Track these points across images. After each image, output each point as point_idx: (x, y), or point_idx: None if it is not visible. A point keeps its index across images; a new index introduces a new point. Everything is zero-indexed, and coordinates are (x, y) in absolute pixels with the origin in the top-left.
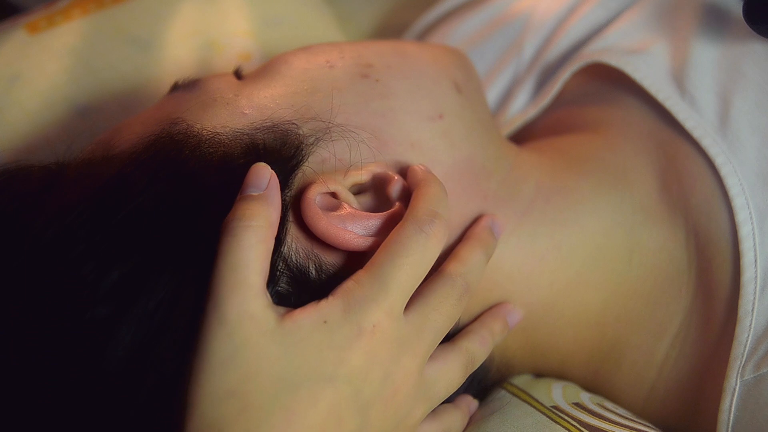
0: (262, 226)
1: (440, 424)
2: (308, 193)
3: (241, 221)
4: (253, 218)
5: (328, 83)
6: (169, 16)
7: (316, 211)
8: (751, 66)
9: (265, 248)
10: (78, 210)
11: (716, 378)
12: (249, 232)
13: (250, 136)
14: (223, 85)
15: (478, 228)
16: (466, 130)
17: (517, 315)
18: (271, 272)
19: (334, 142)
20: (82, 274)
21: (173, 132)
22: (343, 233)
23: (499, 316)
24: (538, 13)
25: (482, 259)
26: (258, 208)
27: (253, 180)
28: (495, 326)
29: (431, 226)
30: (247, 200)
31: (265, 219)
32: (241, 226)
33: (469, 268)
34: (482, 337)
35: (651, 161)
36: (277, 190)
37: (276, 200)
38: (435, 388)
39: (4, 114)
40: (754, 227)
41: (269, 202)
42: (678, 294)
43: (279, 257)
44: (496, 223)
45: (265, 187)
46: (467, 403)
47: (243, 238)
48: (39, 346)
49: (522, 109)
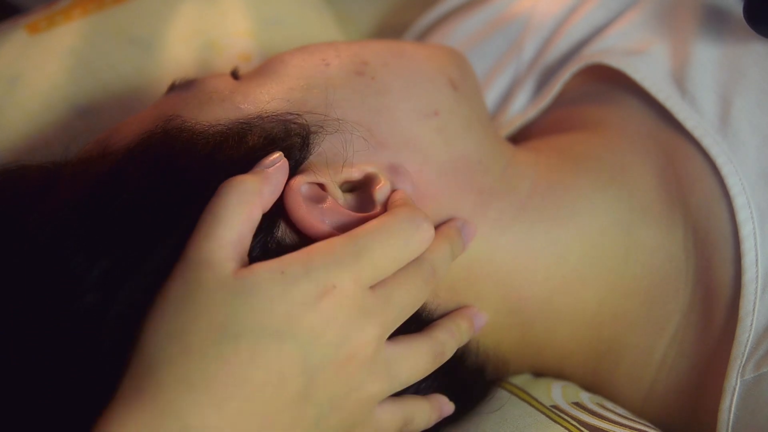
0: (248, 191)
1: (401, 409)
2: (294, 180)
3: (229, 183)
4: (241, 183)
5: (323, 80)
6: (169, 17)
7: (298, 199)
8: (752, 66)
9: (246, 211)
10: (71, 206)
11: (716, 377)
12: (232, 192)
13: (248, 125)
14: (220, 85)
15: (447, 226)
16: (461, 127)
17: (483, 318)
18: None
19: (329, 135)
20: (72, 267)
21: (168, 128)
22: (319, 225)
23: (465, 315)
24: (538, 14)
25: (448, 253)
26: (251, 177)
27: (263, 161)
28: (462, 324)
29: (424, 221)
30: (247, 173)
31: (253, 186)
32: (226, 187)
33: (436, 255)
34: (451, 330)
35: (650, 160)
36: (281, 172)
37: (275, 179)
38: (397, 367)
39: (4, 114)
40: (755, 227)
41: (265, 176)
42: (676, 293)
43: (272, 238)
44: (467, 227)
45: (270, 167)
46: (440, 402)
47: (224, 195)
48: (29, 338)
49: (522, 109)
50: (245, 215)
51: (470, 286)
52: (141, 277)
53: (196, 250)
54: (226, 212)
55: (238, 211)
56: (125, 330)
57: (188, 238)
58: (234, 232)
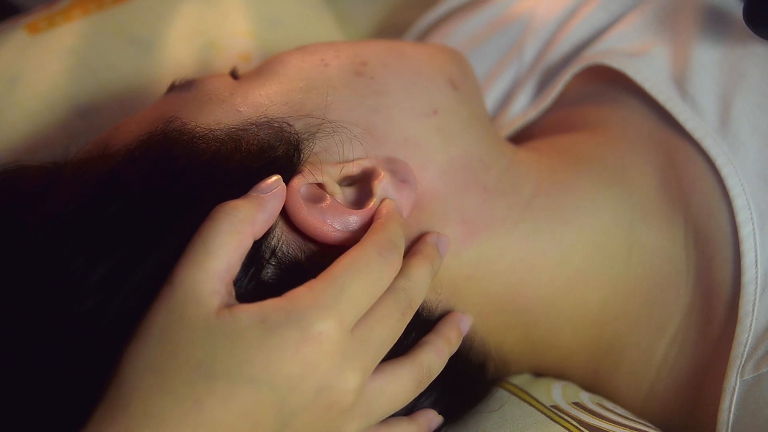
0: (242, 219)
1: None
2: (293, 182)
3: (222, 209)
4: (235, 210)
5: (322, 81)
6: (169, 17)
7: (298, 200)
8: (752, 68)
9: (237, 240)
10: (71, 207)
11: (716, 378)
12: (224, 219)
13: (245, 132)
14: (219, 85)
15: (424, 244)
16: (461, 127)
17: (468, 321)
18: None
19: (326, 137)
20: (72, 269)
21: (167, 129)
22: (321, 225)
23: (453, 324)
24: (538, 15)
25: (427, 275)
26: (245, 204)
27: (259, 185)
28: (451, 335)
29: (390, 253)
30: (242, 198)
31: (246, 213)
32: (219, 213)
33: (413, 283)
34: (439, 348)
35: (650, 161)
36: (277, 198)
37: (270, 206)
38: (375, 403)
39: (4, 114)
40: (754, 228)
41: (260, 203)
42: (677, 294)
43: (266, 247)
44: (442, 240)
45: (266, 192)
46: (427, 419)
47: (215, 222)
48: (29, 339)
49: (522, 110)
50: (235, 244)
51: (474, 284)
52: (140, 280)
53: (183, 279)
54: (216, 241)
55: (229, 241)
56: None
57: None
58: (223, 262)
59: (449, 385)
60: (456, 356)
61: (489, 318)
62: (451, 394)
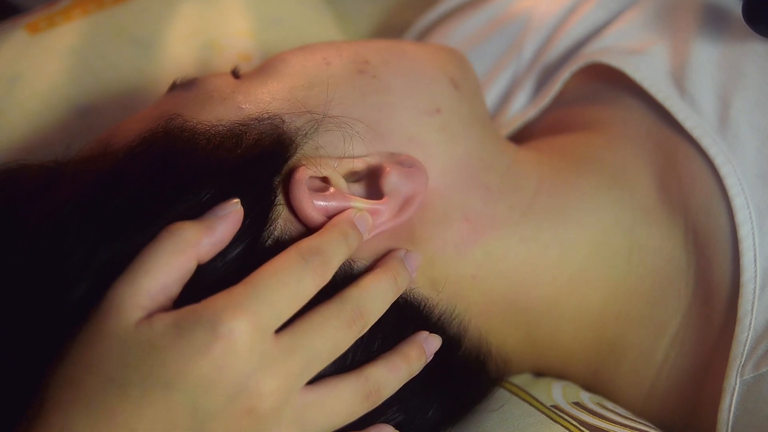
0: (184, 241)
1: None
2: (297, 174)
3: (168, 230)
4: (180, 231)
5: (324, 79)
6: (170, 17)
7: (303, 191)
8: (751, 66)
9: (177, 261)
10: (71, 204)
11: (716, 377)
12: (167, 240)
13: (246, 127)
14: (221, 83)
15: (388, 257)
16: (463, 125)
17: (435, 342)
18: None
19: (328, 133)
20: (70, 262)
21: (169, 127)
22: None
23: (415, 342)
24: (537, 14)
25: (387, 288)
26: (192, 227)
27: (215, 208)
28: (411, 352)
29: (313, 258)
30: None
31: (191, 236)
32: (164, 233)
33: (367, 294)
34: (393, 363)
35: (650, 161)
36: (229, 224)
37: (219, 231)
38: (310, 415)
39: (4, 114)
40: (753, 227)
41: (208, 227)
42: (677, 293)
43: (268, 235)
44: (410, 256)
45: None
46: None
47: (159, 241)
48: (27, 334)
49: (522, 109)
50: (175, 266)
51: (479, 284)
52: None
53: (111, 295)
54: (154, 260)
55: (167, 261)
56: None
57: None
58: (156, 282)
59: (450, 386)
60: (454, 357)
61: (491, 318)
62: (451, 393)
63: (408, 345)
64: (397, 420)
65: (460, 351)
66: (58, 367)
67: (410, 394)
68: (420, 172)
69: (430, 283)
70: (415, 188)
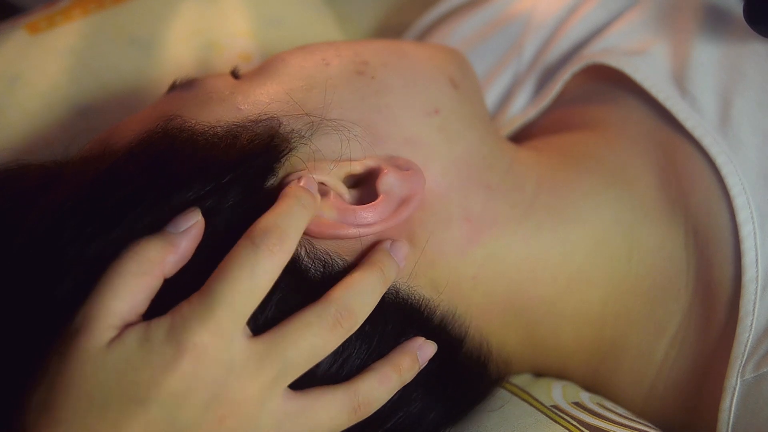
0: (149, 260)
1: None
2: (293, 179)
3: (131, 250)
4: (143, 250)
5: (323, 80)
6: (170, 17)
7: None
8: (752, 66)
9: (144, 282)
10: (69, 203)
11: (716, 377)
12: (131, 260)
13: (243, 129)
14: (220, 84)
15: (373, 251)
16: (462, 126)
17: (430, 349)
18: None
19: (326, 135)
20: (65, 258)
21: (168, 127)
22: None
23: (408, 351)
24: (538, 14)
25: (375, 284)
26: (154, 245)
27: (176, 220)
28: (403, 362)
29: (263, 238)
30: (154, 237)
31: (155, 255)
32: (128, 254)
33: (354, 293)
34: (384, 374)
35: (650, 160)
36: (190, 238)
37: (182, 247)
38: (292, 424)
39: (4, 114)
40: (755, 227)
41: (172, 244)
42: (677, 293)
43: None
44: (396, 246)
45: (181, 229)
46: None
47: (123, 262)
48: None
49: (522, 109)
50: (142, 286)
51: (480, 285)
52: None
53: (81, 319)
54: (120, 282)
55: (133, 282)
56: None
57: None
58: (126, 304)
59: (451, 388)
60: (456, 359)
61: (491, 319)
62: (453, 396)
63: (400, 354)
64: (398, 423)
65: (461, 353)
66: (34, 393)
67: (412, 397)
68: (417, 174)
69: (431, 284)
70: (412, 190)
